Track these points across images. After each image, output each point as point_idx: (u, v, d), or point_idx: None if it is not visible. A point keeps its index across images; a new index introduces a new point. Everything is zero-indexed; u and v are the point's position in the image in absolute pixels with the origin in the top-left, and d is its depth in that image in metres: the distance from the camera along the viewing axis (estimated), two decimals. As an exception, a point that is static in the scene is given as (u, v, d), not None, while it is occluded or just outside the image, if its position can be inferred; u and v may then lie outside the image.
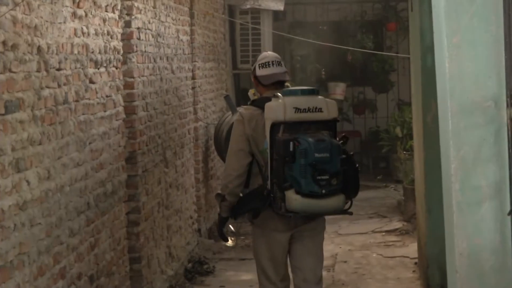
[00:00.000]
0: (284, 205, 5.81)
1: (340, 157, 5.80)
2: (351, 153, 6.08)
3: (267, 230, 6.27)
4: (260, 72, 6.43)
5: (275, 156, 5.84)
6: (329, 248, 10.82)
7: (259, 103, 6.18)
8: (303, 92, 6.18)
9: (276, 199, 5.87)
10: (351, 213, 6.13)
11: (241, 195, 6.23)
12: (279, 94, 6.03)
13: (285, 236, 6.29)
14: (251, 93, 6.47)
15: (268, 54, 6.64)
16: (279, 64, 6.45)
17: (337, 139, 6.09)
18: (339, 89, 16.74)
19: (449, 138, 4.24)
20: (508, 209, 4.09)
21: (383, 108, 17.14)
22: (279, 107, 5.95)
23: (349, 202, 6.03)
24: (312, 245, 6.39)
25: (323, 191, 5.73)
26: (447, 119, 4.27)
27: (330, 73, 17.14)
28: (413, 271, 9.41)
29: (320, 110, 5.99)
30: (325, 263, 10.03)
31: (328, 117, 6.01)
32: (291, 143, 5.76)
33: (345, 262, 10.12)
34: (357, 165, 6.08)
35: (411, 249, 10.23)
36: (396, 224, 11.95)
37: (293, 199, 5.78)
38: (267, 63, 6.44)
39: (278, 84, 6.37)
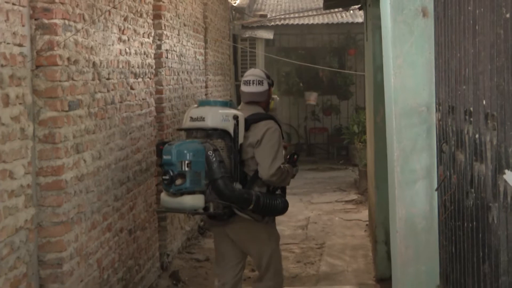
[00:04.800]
0: None
1: (187, 161, 4.74)
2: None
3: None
4: (241, 88, 5.38)
5: None
6: (304, 212, 10.85)
7: None
8: (200, 103, 5.19)
9: None
10: (210, 214, 5.01)
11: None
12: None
13: (218, 238, 5.35)
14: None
15: (250, 72, 5.45)
16: (258, 83, 5.29)
17: (288, 156, 5.34)
18: (312, 97, 16.81)
19: (393, 134, 4.23)
20: (435, 186, 4.08)
21: (345, 111, 17.18)
22: (185, 116, 5.18)
23: (213, 204, 4.92)
24: (251, 249, 5.33)
25: (170, 190, 4.80)
26: (392, 120, 4.25)
27: (306, 85, 17.15)
28: (365, 231, 9.43)
29: (202, 119, 4.98)
30: (300, 223, 10.13)
31: (208, 126, 4.94)
32: (159, 146, 5.01)
33: (315, 223, 10.14)
34: (218, 175, 4.81)
35: (364, 214, 10.26)
36: (353, 196, 11.98)
37: (161, 196, 5.06)
38: (246, 82, 5.33)
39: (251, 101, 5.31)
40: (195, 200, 4.86)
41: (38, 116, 4.47)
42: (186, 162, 4.78)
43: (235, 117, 4.98)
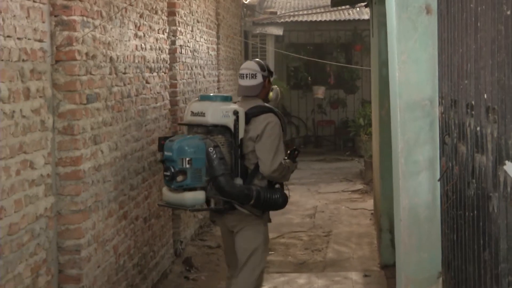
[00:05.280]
0: None
1: (187, 158, 4.67)
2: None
3: None
4: (238, 81, 5.13)
5: None
6: (311, 202, 10.85)
7: None
8: (201, 98, 5.08)
9: None
10: (211, 209, 4.94)
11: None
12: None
13: (222, 229, 5.24)
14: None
15: (244, 65, 5.16)
16: (251, 76, 5.01)
17: (288, 152, 5.11)
18: (320, 91, 16.79)
19: (397, 126, 4.22)
20: (438, 177, 4.08)
21: (351, 104, 17.15)
22: (186, 110, 5.06)
23: (214, 200, 4.86)
24: (237, 242, 5.05)
25: (172, 186, 4.76)
26: (396, 113, 4.25)
27: (314, 79, 17.13)
28: (370, 219, 9.42)
29: (203, 114, 4.85)
30: (308, 212, 10.13)
31: (208, 122, 4.83)
32: (160, 142, 4.92)
33: (323, 212, 10.14)
34: (219, 172, 4.70)
35: (369, 203, 10.25)
36: (359, 186, 11.96)
37: (163, 190, 5.03)
38: (240, 75, 5.10)
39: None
40: (196, 197, 4.79)
41: (57, 109, 4.49)
42: (187, 159, 4.70)
43: (235, 113, 4.82)
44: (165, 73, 7.05)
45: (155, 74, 6.62)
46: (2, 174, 3.69)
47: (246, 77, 5.02)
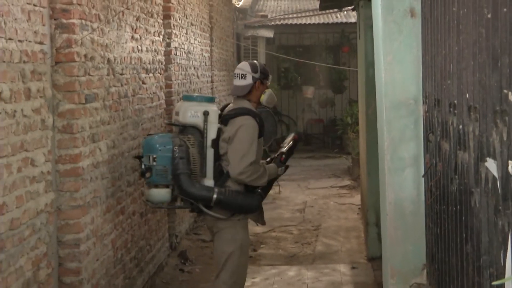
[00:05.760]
0: None
1: (154, 155, 4.63)
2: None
3: None
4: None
5: None
6: (301, 197, 10.86)
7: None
8: (183, 98, 4.98)
9: None
10: (175, 207, 4.90)
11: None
12: None
13: (208, 228, 5.02)
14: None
15: (239, 64, 4.94)
16: (241, 76, 4.78)
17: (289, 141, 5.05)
18: (309, 91, 16.82)
19: (383, 125, 4.23)
20: (422, 173, 4.09)
21: (339, 104, 17.15)
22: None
23: (179, 198, 4.77)
24: (214, 243, 4.87)
25: (145, 182, 4.76)
26: (382, 112, 4.25)
27: (303, 80, 17.14)
28: (357, 213, 9.43)
29: (177, 114, 4.80)
30: (298, 207, 10.13)
31: (180, 121, 4.76)
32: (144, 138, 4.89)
33: (312, 206, 10.14)
34: (178, 171, 4.60)
35: (356, 198, 10.26)
36: (347, 182, 11.97)
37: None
38: (234, 75, 4.91)
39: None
40: (160, 193, 4.71)
41: (57, 108, 4.47)
42: (153, 156, 4.66)
43: (205, 113, 4.68)
44: (160, 74, 7.04)
45: (151, 75, 6.61)
46: (4, 171, 3.68)
47: (237, 76, 4.82)
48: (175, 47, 7.79)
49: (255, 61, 4.98)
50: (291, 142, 5.20)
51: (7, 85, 3.71)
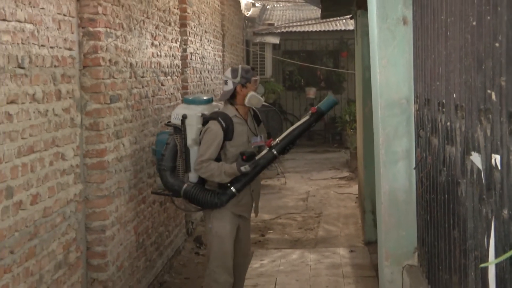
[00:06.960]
0: None
1: (155, 148, 4.96)
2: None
3: None
4: None
5: None
6: (304, 187, 10.83)
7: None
8: (183, 100, 4.97)
9: None
10: (164, 194, 5.03)
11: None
12: None
13: None
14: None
15: (225, 72, 4.82)
16: (225, 83, 4.66)
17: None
18: (311, 91, 16.77)
19: (378, 122, 4.22)
20: (414, 165, 4.08)
21: (339, 103, 17.09)
22: None
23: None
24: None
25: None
26: (378, 110, 4.24)
27: (306, 82, 17.10)
28: (355, 202, 9.42)
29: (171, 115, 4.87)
30: (302, 196, 10.11)
31: (172, 120, 4.81)
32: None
33: (314, 196, 10.13)
34: (159, 166, 4.79)
35: (354, 188, 10.24)
36: (345, 174, 11.94)
37: None
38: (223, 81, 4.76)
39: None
40: (158, 182, 5.00)
41: (85, 108, 4.49)
42: (154, 149, 5.05)
43: (184, 116, 4.66)
44: (177, 77, 7.04)
45: (169, 77, 6.61)
46: (38, 165, 3.70)
47: (224, 83, 4.69)
48: (191, 53, 7.79)
49: (239, 66, 4.73)
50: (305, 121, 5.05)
51: (40, 87, 3.72)
